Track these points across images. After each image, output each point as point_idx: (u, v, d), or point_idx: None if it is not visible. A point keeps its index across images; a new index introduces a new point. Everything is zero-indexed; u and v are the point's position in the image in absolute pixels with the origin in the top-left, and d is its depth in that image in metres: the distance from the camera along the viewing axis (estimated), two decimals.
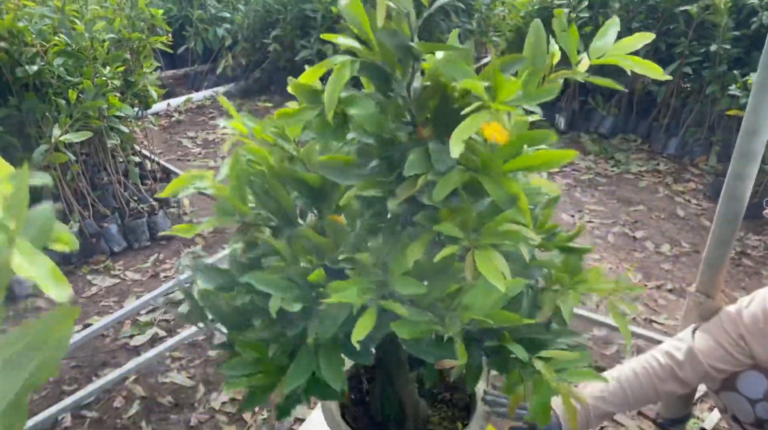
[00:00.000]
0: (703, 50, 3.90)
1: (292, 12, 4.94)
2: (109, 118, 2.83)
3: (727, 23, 3.74)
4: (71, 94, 2.55)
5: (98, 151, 3.03)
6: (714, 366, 1.52)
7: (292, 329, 0.88)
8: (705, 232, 3.25)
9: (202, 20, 5.28)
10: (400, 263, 0.80)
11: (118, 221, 2.94)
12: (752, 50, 3.78)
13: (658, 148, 4.25)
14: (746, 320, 1.49)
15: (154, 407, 2.00)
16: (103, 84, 2.69)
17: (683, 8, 3.90)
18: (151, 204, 3.09)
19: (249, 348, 0.90)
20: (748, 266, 2.96)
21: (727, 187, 1.53)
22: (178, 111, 4.89)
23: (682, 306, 2.56)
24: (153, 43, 3.19)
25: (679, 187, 3.75)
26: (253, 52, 5.35)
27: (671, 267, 2.91)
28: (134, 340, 2.31)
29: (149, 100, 3.19)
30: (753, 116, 1.42)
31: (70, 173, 2.79)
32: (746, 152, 1.46)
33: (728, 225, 1.54)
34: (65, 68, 2.64)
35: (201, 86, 5.43)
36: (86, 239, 2.79)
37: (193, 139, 4.41)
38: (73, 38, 2.67)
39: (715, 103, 3.95)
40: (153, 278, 2.71)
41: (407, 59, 0.79)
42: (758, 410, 1.54)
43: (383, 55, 0.79)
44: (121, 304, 2.51)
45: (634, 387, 1.56)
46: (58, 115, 2.60)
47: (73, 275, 2.71)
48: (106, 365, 2.19)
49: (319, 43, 4.76)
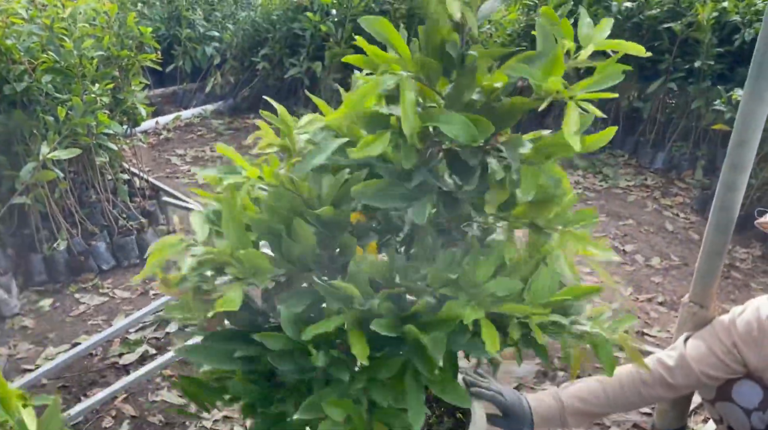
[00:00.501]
0: (687, 66, 3.96)
1: (280, 31, 4.96)
2: (97, 135, 2.82)
3: (711, 40, 3.80)
4: (60, 111, 2.53)
5: (87, 168, 3.00)
6: (706, 373, 1.53)
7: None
8: (693, 245, 3.27)
9: (191, 39, 5.29)
10: (485, 267, 0.82)
11: (106, 239, 2.91)
12: (735, 66, 3.84)
13: (645, 163, 4.29)
14: (740, 328, 1.50)
15: (144, 427, 1.96)
16: (92, 101, 2.68)
17: (667, 25, 3.97)
18: (141, 221, 3.06)
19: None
20: (737, 279, 2.98)
21: (718, 197, 1.54)
22: (167, 129, 4.88)
23: (674, 319, 2.57)
24: (142, 60, 3.18)
25: (667, 201, 3.78)
26: (242, 70, 5.36)
27: (661, 280, 2.92)
28: (123, 358, 2.27)
29: (138, 117, 3.18)
30: (743, 127, 1.44)
31: (58, 191, 2.76)
32: (736, 163, 1.48)
33: (720, 235, 1.55)
34: (54, 85, 2.63)
35: (190, 104, 5.43)
36: (74, 257, 2.76)
37: (182, 156, 4.39)
38: (61, 55, 2.66)
39: (700, 118, 4.01)
40: (142, 295, 2.67)
41: (451, 69, 0.82)
42: (754, 420, 1.54)
43: (424, 69, 0.81)
44: (109, 322, 2.48)
45: (615, 390, 1.56)
46: (46, 133, 2.58)
47: (61, 294, 2.67)
48: (95, 384, 2.15)
49: (309, 60, 4.79)
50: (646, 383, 1.56)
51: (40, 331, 2.43)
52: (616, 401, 1.57)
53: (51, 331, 2.43)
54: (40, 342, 2.37)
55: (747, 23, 3.75)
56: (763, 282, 2.96)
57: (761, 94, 1.41)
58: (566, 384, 1.63)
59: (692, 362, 1.53)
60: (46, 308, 2.57)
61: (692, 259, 3.13)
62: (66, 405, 2.03)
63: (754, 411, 1.54)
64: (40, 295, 2.66)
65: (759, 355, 1.48)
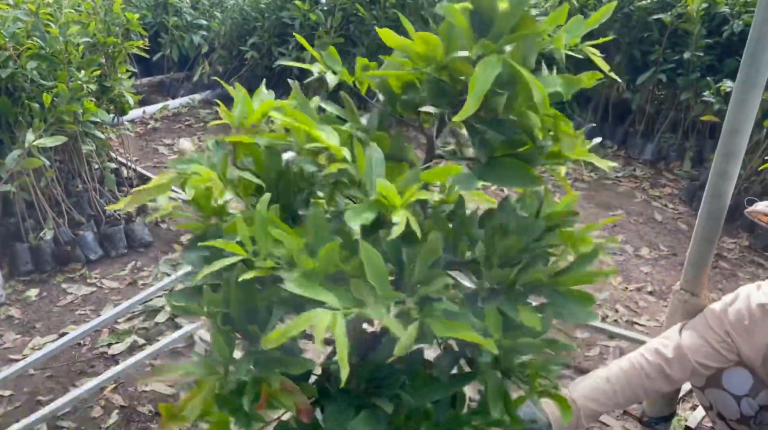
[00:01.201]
0: (676, 58, 3.97)
1: (269, 19, 4.91)
2: (84, 123, 2.77)
3: (700, 31, 3.81)
4: (45, 98, 2.49)
5: (73, 157, 2.96)
6: (702, 363, 1.53)
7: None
8: (682, 235, 3.29)
9: (178, 27, 5.23)
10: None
11: (94, 229, 2.87)
12: (724, 57, 3.86)
13: (635, 153, 4.31)
14: (731, 317, 1.50)
15: (134, 417, 1.94)
16: (78, 88, 2.64)
17: (657, 17, 3.97)
18: (128, 211, 3.03)
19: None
20: (725, 268, 3.00)
21: (710, 185, 1.54)
22: (154, 118, 4.82)
23: (663, 308, 2.59)
24: (129, 48, 3.14)
25: (656, 192, 3.80)
26: (230, 59, 5.30)
27: (650, 270, 2.94)
28: (112, 348, 2.25)
29: (125, 105, 3.14)
30: (735, 115, 1.44)
31: (44, 179, 2.72)
32: (729, 151, 1.48)
33: (712, 223, 1.56)
34: (39, 72, 2.59)
35: (177, 94, 5.36)
36: (61, 247, 2.72)
37: (169, 146, 4.35)
38: (47, 41, 2.62)
39: (689, 109, 4.02)
40: (131, 285, 2.65)
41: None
42: (743, 407, 1.56)
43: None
44: (97, 312, 2.45)
45: (624, 386, 1.56)
46: (31, 120, 2.54)
47: (47, 284, 2.64)
48: (83, 374, 2.13)
49: (298, 50, 4.74)
50: (649, 376, 1.56)
51: (26, 321, 2.40)
52: (624, 398, 1.57)
53: (38, 321, 2.40)
54: (27, 332, 2.34)
55: (736, 14, 3.76)
56: (749, 271, 2.99)
57: (754, 82, 1.41)
58: (574, 382, 1.62)
59: (689, 353, 1.53)
60: (33, 297, 2.54)
61: (681, 249, 3.15)
62: (54, 395, 2.01)
63: (744, 397, 1.55)
64: (27, 285, 2.62)
65: (750, 343, 1.49)
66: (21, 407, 1.97)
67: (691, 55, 3.83)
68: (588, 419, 1.56)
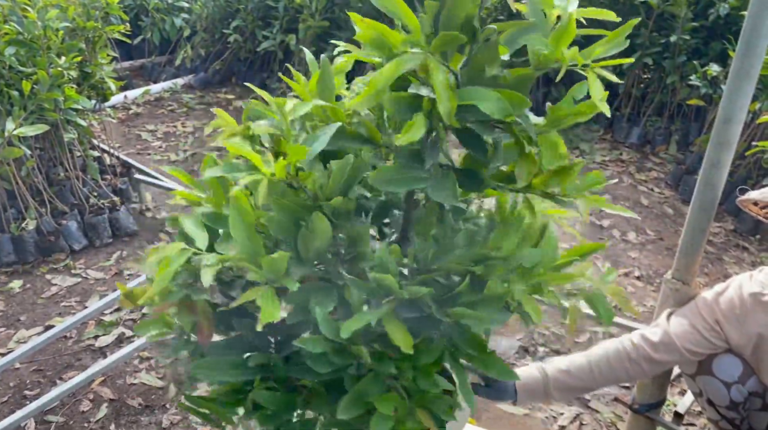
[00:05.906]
0: (663, 41, 3.97)
1: (252, 2, 4.83)
2: (65, 110, 2.71)
3: (686, 14, 3.80)
4: (25, 86, 2.43)
5: (54, 145, 2.90)
6: (689, 349, 1.54)
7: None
8: (668, 219, 3.31)
9: (159, 10, 5.12)
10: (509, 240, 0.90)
11: (77, 218, 2.82)
12: (710, 41, 3.86)
13: (621, 137, 4.32)
14: (722, 306, 1.51)
15: (123, 410, 1.92)
16: (59, 75, 2.57)
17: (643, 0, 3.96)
18: (112, 200, 2.98)
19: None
20: (710, 253, 3.03)
21: (703, 174, 1.54)
22: (136, 104, 4.74)
23: (651, 293, 2.61)
24: (109, 32, 3.07)
25: (642, 176, 3.82)
26: (213, 43, 5.21)
27: (638, 255, 2.96)
28: (99, 341, 2.22)
29: (107, 92, 3.07)
30: (729, 104, 1.44)
31: (25, 169, 2.66)
32: (722, 141, 1.48)
33: (704, 212, 1.56)
34: (17, 58, 2.52)
35: (159, 78, 5.27)
36: (44, 237, 2.68)
37: (153, 132, 4.28)
38: (24, 26, 2.55)
39: (674, 93, 4.03)
40: (117, 276, 2.61)
41: (472, 44, 0.83)
42: (733, 393, 1.57)
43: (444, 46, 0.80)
44: (83, 304, 2.41)
45: (601, 365, 1.57)
46: (11, 108, 2.48)
47: (31, 275, 2.59)
48: (70, 367, 2.10)
49: (282, 33, 4.67)
50: (631, 358, 1.57)
51: (10, 313, 2.36)
52: (601, 376, 1.58)
53: (22, 313, 2.36)
54: (12, 325, 2.30)
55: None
56: (735, 256, 3.02)
57: (748, 71, 1.40)
58: (552, 358, 1.63)
59: (675, 339, 1.54)
60: (16, 289, 2.49)
61: (667, 233, 3.17)
62: (41, 389, 1.99)
63: (734, 384, 1.57)
64: (9, 276, 2.58)
65: (741, 332, 1.50)
66: (7, 402, 1.94)
67: (677, 38, 3.82)
68: (559, 392, 1.56)
